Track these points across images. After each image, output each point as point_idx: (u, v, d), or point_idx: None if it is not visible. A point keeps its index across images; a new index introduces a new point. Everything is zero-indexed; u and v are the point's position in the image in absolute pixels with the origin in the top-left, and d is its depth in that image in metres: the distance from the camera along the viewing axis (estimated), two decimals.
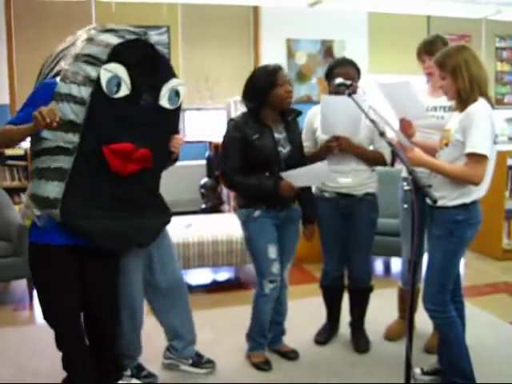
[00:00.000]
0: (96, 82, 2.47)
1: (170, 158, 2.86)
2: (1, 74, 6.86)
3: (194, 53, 7.48)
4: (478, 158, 2.54)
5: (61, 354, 2.70)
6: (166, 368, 3.20)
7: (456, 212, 2.65)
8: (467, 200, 2.64)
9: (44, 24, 6.93)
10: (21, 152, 6.51)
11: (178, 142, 2.83)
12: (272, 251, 3.07)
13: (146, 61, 2.60)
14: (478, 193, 2.67)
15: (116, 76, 2.50)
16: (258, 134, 3.00)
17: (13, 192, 6.19)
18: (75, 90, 2.45)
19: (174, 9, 7.36)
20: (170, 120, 2.82)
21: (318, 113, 3.19)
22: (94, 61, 2.48)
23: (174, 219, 5.08)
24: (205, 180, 6.91)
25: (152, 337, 3.23)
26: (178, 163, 2.92)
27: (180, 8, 7.41)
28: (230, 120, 3.13)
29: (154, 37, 2.83)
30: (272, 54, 7.29)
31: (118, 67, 2.50)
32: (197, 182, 6.93)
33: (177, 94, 2.75)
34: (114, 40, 2.53)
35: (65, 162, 2.47)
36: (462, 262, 2.82)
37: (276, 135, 3.06)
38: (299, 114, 3.16)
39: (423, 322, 3.01)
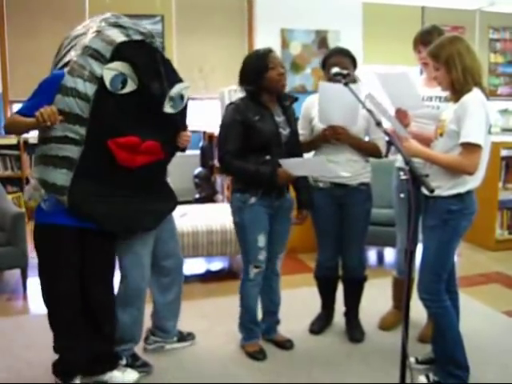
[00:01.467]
0: (101, 80, 2.51)
1: (176, 151, 2.97)
2: None
3: (188, 42, 7.44)
4: (472, 148, 2.55)
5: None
6: (149, 353, 3.22)
7: (451, 202, 2.66)
8: (462, 190, 2.65)
9: (36, 13, 6.87)
10: (14, 141, 6.48)
11: (185, 139, 2.93)
12: (261, 240, 3.08)
13: (151, 64, 2.63)
14: (472, 183, 2.68)
15: (120, 74, 2.54)
16: (259, 115, 2.99)
17: (6, 181, 6.17)
18: (81, 85, 2.50)
19: None
20: (176, 118, 2.86)
21: (314, 102, 3.20)
22: (99, 57, 2.52)
23: None
24: (199, 170, 6.90)
25: None
26: None
27: None
28: (230, 104, 3.12)
29: (147, 26, 2.83)
30: (266, 44, 7.06)
31: (122, 65, 2.54)
32: (191, 172, 6.92)
33: (181, 97, 2.82)
34: (119, 38, 2.56)
35: (72, 152, 2.55)
36: (456, 252, 2.82)
37: (276, 118, 3.06)
38: (295, 99, 3.16)
39: (417, 311, 3.02)
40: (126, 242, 2.86)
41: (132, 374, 2.91)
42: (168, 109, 2.74)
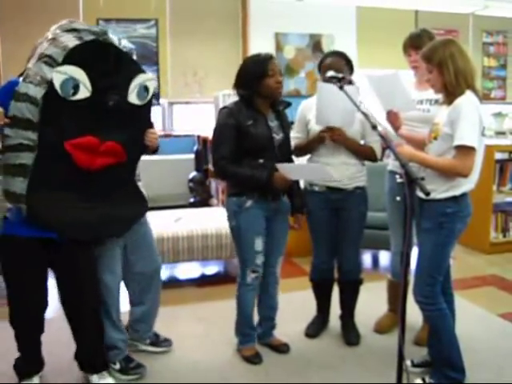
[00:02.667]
0: (51, 83, 2.49)
1: (143, 152, 2.89)
2: None
3: (182, 46, 7.43)
4: (466, 150, 2.56)
5: (53, 348, 2.80)
6: (143, 356, 3.22)
7: (445, 204, 2.66)
8: (457, 192, 2.66)
9: (30, 15, 6.84)
10: None
11: (153, 136, 2.85)
12: (258, 244, 3.07)
13: (106, 60, 2.61)
14: (467, 185, 2.69)
15: (71, 78, 2.51)
16: (252, 120, 2.99)
17: None
18: (32, 90, 2.50)
19: (162, 2, 7.30)
20: (141, 115, 2.82)
21: (311, 105, 3.20)
22: (52, 62, 2.51)
23: (163, 213, 5.08)
24: (193, 174, 6.88)
25: None
26: (166, 157, 2.94)
27: (168, 1, 7.35)
28: (223, 108, 3.09)
29: (140, 30, 2.83)
30: (260, 48, 7.12)
31: (73, 69, 2.52)
32: (185, 176, 6.90)
33: (146, 89, 2.76)
34: (71, 42, 2.55)
35: (27, 159, 2.54)
36: (451, 254, 2.82)
37: (269, 123, 3.06)
38: (289, 105, 3.16)
39: (413, 314, 3.02)
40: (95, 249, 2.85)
41: (107, 379, 2.92)
42: (133, 99, 2.70)
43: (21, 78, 2.56)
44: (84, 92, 2.55)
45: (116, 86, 2.64)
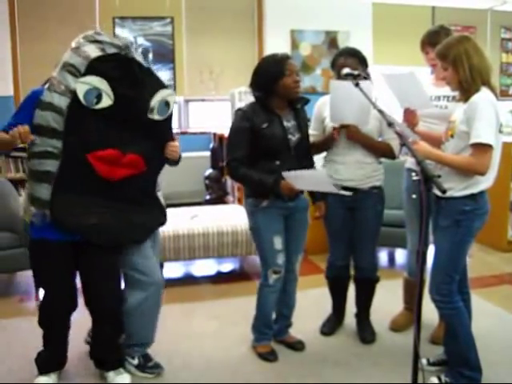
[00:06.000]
0: (74, 94, 2.55)
1: (163, 164, 2.92)
2: (5, 65, 6.83)
3: (197, 44, 7.45)
4: (482, 148, 2.53)
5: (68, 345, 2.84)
6: (160, 354, 3.18)
7: (463, 202, 2.64)
8: (475, 190, 2.64)
9: (48, 15, 6.90)
10: (25, 144, 6.50)
11: (173, 150, 2.86)
12: (278, 242, 3.07)
13: (127, 73, 2.64)
14: (485, 183, 2.66)
15: (95, 88, 2.56)
16: (267, 122, 2.97)
17: (17, 183, 6.20)
18: (56, 99, 2.57)
19: (177, 0, 7.33)
20: (162, 128, 2.85)
21: (327, 102, 3.18)
22: (75, 71, 2.57)
23: (178, 210, 5.11)
24: (209, 171, 6.90)
25: None
26: (182, 154, 2.93)
27: None
28: (238, 110, 3.09)
29: (156, 28, 2.85)
30: (276, 45, 7.24)
31: (96, 79, 2.57)
32: (201, 174, 6.93)
33: (167, 104, 2.79)
34: (94, 53, 2.59)
35: (52, 166, 2.62)
36: (468, 253, 2.80)
37: (285, 123, 3.04)
38: (307, 101, 3.14)
39: (429, 313, 3.00)
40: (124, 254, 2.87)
41: (124, 376, 2.94)
42: (154, 115, 2.74)
43: (45, 87, 2.61)
44: (107, 100, 2.60)
45: (138, 99, 2.67)
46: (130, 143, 2.68)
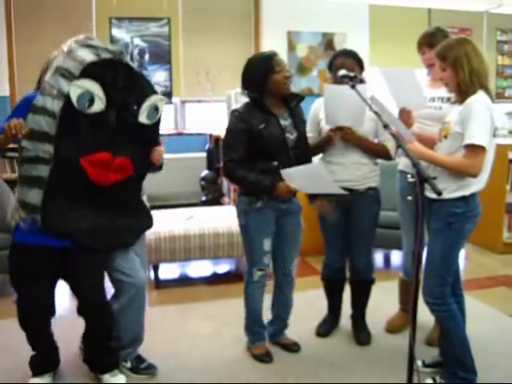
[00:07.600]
0: (67, 97, 2.55)
1: (149, 168, 2.93)
2: (1, 65, 6.82)
3: (194, 45, 7.45)
4: (475, 150, 2.54)
5: (65, 346, 2.83)
6: (154, 356, 3.17)
7: (455, 204, 2.65)
8: (466, 192, 2.64)
9: (44, 15, 6.89)
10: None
11: (158, 154, 2.89)
12: (267, 244, 3.08)
13: (121, 79, 2.67)
14: (477, 185, 2.67)
15: (87, 92, 2.58)
16: (264, 123, 2.97)
17: (13, 184, 6.18)
18: (49, 103, 2.57)
19: (174, 0, 7.32)
20: (149, 132, 2.86)
21: (322, 104, 3.18)
22: (68, 75, 2.57)
23: (175, 211, 5.10)
24: (205, 172, 6.90)
25: None
26: (178, 155, 2.95)
27: (180, 0, 7.38)
28: (234, 111, 3.08)
29: (153, 29, 2.87)
30: (273, 47, 7.10)
31: (89, 83, 2.58)
32: (197, 175, 6.92)
33: (156, 109, 2.81)
34: (89, 57, 2.60)
35: (43, 171, 2.61)
36: (463, 254, 2.81)
37: (282, 122, 3.04)
38: (302, 98, 3.13)
39: (425, 314, 3.00)
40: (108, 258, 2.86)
41: (119, 377, 2.93)
42: (143, 119, 2.76)
43: (38, 92, 2.61)
44: (99, 105, 2.61)
45: (129, 104, 2.70)
46: (119, 145, 2.69)
